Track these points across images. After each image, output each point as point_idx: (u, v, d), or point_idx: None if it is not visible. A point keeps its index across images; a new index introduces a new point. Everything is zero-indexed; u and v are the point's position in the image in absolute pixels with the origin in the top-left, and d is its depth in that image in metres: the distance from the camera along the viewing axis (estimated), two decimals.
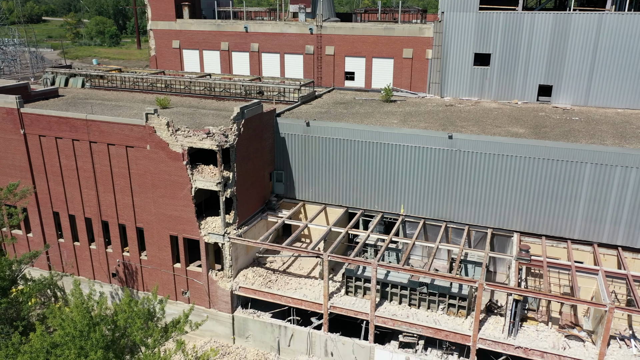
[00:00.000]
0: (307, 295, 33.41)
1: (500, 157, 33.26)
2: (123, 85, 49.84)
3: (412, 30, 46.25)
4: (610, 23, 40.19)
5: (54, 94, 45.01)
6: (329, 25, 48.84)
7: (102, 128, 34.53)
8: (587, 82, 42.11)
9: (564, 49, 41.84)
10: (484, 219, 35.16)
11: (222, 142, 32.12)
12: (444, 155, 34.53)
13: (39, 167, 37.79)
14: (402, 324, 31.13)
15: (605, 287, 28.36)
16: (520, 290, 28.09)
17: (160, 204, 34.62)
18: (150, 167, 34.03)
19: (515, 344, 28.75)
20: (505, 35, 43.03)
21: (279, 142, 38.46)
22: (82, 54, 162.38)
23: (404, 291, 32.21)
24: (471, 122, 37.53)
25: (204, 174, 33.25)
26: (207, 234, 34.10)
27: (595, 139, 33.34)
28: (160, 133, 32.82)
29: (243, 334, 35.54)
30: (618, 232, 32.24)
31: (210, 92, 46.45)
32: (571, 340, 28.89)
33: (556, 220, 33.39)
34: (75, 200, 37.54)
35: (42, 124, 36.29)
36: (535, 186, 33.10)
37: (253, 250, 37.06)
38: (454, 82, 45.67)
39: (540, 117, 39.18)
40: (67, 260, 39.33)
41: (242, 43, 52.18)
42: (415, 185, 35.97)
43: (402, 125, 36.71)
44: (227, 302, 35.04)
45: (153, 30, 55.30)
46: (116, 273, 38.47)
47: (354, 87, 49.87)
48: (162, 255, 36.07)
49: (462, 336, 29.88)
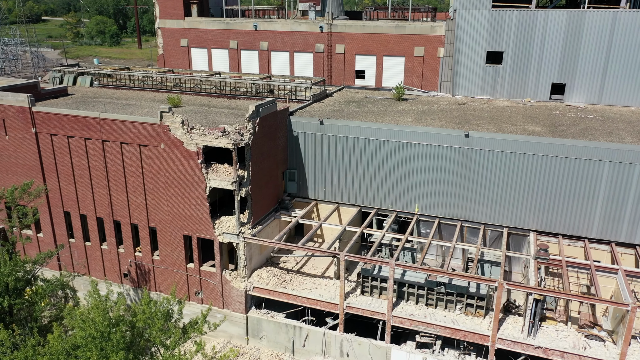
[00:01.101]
0: (322, 296, 33.13)
1: (517, 155, 32.99)
2: (132, 84, 49.55)
3: (423, 29, 45.96)
4: (624, 20, 39.94)
5: (64, 93, 44.70)
6: (340, 24, 48.54)
7: (115, 127, 34.21)
8: (600, 81, 41.86)
9: (578, 47, 41.59)
10: (499, 218, 34.90)
11: (237, 140, 31.82)
12: (460, 153, 34.26)
13: (50, 166, 37.47)
14: (420, 324, 30.86)
15: (626, 286, 28.11)
16: (541, 289, 27.84)
17: (173, 203, 34.32)
18: (164, 166, 33.72)
19: (535, 344, 28.50)
20: (518, 33, 42.76)
21: (292, 141, 38.16)
22: (83, 54, 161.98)
23: (420, 291, 31.95)
24: (486, 121, 37.25)
25: (218, 173, 32.95)
26: (222, 233, 33.80)
27: (613, 137, 33.09)
28: (175, 132, 32.51)
29: (257, 334, 35.25)
30: (637, 231, 32.00)
31: (220, 91, 46.14)
32: (591, 340, 28.65)
33: (573, 219, 33.14)
34: (86, 199, 37.23)
35: (54, 122, 35.97)
36: (553, 185, 32.84)
37: (267, 249, 36.77)
38: (466, 80, 45.40)
39: (555, 116, 38.92)
40: (79, 260, 39.02)
41: (251, 41, 51.86)
42: (430, 184, 35.70)
43: (417, 124, 36.44)
44: (241, 302, 34.75)
45: (161, 28, 54.96)
46: (128, 273, 38.16)
47: (365, 86, 49.58)
48: (175, 255, 35.77)
49: (480, 336, 29.62)
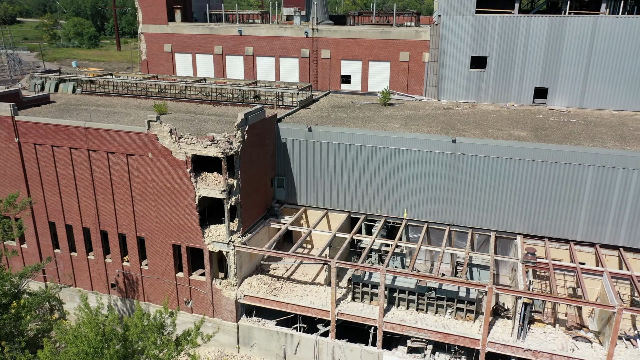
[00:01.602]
0: (313, 303, 33.20)
1: (504, 160, 33.49)
2: (115, 90, 48.94)
3: (408, 34, 46.33)
4: (604, 26, 40.82)
5: (46, 100, 43.98)
6: (325, 29, 48.65)
7: (101, 136, 33.80)
8: (582, 85, 42.70)
9: (560, 52, 42.36)
10: (487, 222, 35.38)
11: (226, 149, 31.71)
12: (448, 159, 34.64)
13: (34, 176, 36.84)
14: (411, 329, 31.12)
15: (612, 288, 28.75)
16: (530, 293, 28.32)
17: (162, 212, 34.03)
18: (152, 175, 33.43)
19: (525, 347, 28.96)
20: (501, 39, 43.38)
21: (280, 148, 38.15)
22: (61, 56, 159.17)
23: (411, 296, 32.23)
24: (472, 126, 37.72)
25: (208, 182, 32.78)
26: (211, 242, 33.63)
27: (596, 141, 33.79)
28: (163, 141, 32.26)
29: (248, 342, 35.16)
30: (620, 233, 32.74)
31: (206, 97, 45.89)
32: (579, 342, 29.24)
33: (559, 222, 33.76)
34: (72, 209, 36.70)
35: (38, 132, 35.38)
36: (539, 189, 33.42)
37: (257, 257, 36.70)
38: (451, 85, 45.90)
39: (538, 120, 39.59)
40: (65, 271, 38.44)
41: (236, 47, 51.67)
42: (418, 189, 36.02)
43: (404, 129, 36.74)
44: (231, 310, 34.62)
45: (144, 33, 54.41)
46: (115, 283, 37.72)
47: (350, 91, 49.78)
48: (164, 265, 35.48)
49: (471, 340, 30.00)
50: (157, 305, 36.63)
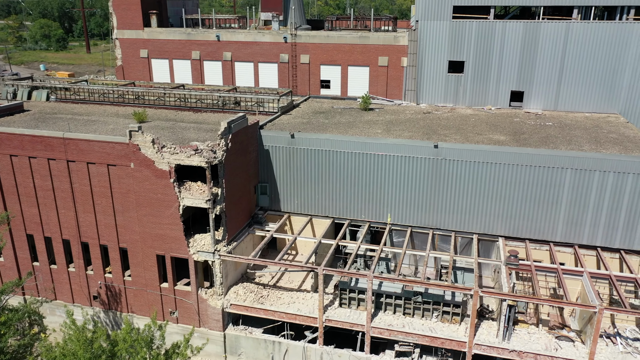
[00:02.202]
0: (301, 310, 33.23)
1: (485, 164, 34.12)
2: (91, 97, 47.99)
3: (387, 39, 46.74)
4: (576, 31, 41.96)
5: (20, 109, 42.85)
6: (304, 34, 48.69)
7: (81, 146, 33.15)
8: (556, 88, 43.79)
9: (534, 56, 43.35)
10: (469, 225, 35.98)
11: (210, 158, 31.48)
12: (430, 164, 35.10)
13: (10, 187, 35.88)
14: (399, 333, 31.45)
15: (592, 288, 29.59)
16: (514, 296, 28.94)
17: (145, 223, 33.57)
18: (134, 186, 32.94)
19: (510, 348, 29.58)
20: (478, 43, 44.16)
21: (263, 155, 38.04)
22: (28, 59, 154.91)
23: (398, 301, 32.54)
24: (452, 130, 38.30)
25: (191, 192, 32.49)
26: (197, 252, 33.35)
27: (572, 144, 34.72)
28: (145, 150, 31.83)
29: (235, 351, 34.98)
30: (597, 233, 33.73)
31: (185, 104, 45.41)
32: (561, 341, 30.01)
33: (539, 224, 34.58)
34: (51, 221, 35.87)
35: (13, 143, 34.48)
36: (519, 192, 34.16)
37: (242, 266, 36.52)
38: (430, 89, 46.49)
39: (516, 123, 40.44)
40: (44, 284, 37.54)
41: (214, 52, 51.27)
42: (401, 194, 36.39)
43: (386, 135, 37.07)
44: (218, 320, 34.39)
45: (119, 39, 53.48)
46: (98, 295, 37.03)
47: (330, 95, 49.93)
48: (147, 276, 34.99)
49: (458, 343, 30.48)
50: (141, 316, 36.11)
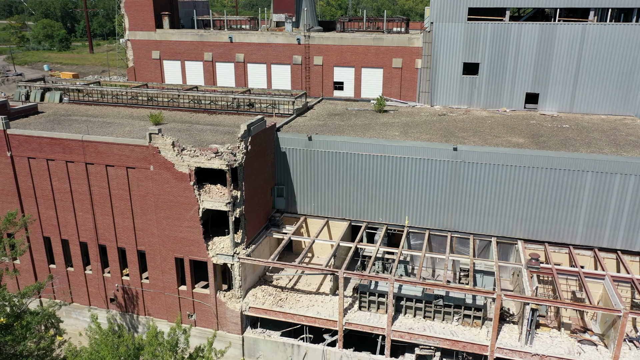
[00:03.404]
0: (320, 313, 33.11)
1: (505, 167, 34.01)
2: (103, 99, 47.89)
3: (401, 41, 46.63)
4: (593, 33, 41.85)
5: (34, 111, 42.75)
6: (317, 35, 48.57)
7: (100, 149, 33.03)
8: (572, 90, 43.68)
9: (550, 58, 43.24)
10: (487, 228, 35.86)
11: (231, 161, 31.37)
12: (449, 166, 34.98)
13: (27, 190, 35.76)
14: (419, 337, 31.33)
15: (615, 292, 29.47)
16: (538, 299, 28.82)
17: (164, 225, 33.45)
18: (153, 189, 32.82)
19: (532, 352, 29.46)
20: (493, 45, 44.04)
21: (280, 157, 37.92)
22: (31, 59, 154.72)
23: (418, 304, 32.43)
24: (470, 133, 38.18)
25: (211, 194, 32.38)
26: (216, 254, 33.23)
27: (592, 147, 34.60)
28: (165, 153, 31.71)
29: (253, 354, 34.85)
30: (618, 236, 33.61)
31: (199, 105, 45.29)
32: (584, 345, 29.88)
33: (558, 227, 34.46)
34: (68, 224, 35.76)
35: (31, 145, 34.37)
36: (538, 195, 34.04)
37: (259, 268, 36.40)
38: (444, 91, 46.37)
39: (533, 126, 40.32)
40: (60, 287, 37.39)
41: (227, 53, 51.15)
42: (419, 197, 36.28)
43: (404, 137, 36.96)
44: (236, 323, 34.26)
45: (131, 40, 53.36)
46: (114, 298, 36.91)
47: (343, 97, 49.82)
48: (165, 278, 34.87)
49: (479, 346, 30.37)
50: (158, 319, 35.98)
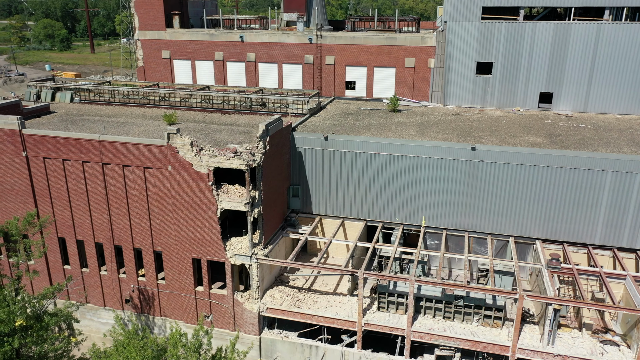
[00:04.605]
0: (339, 314, 32.92)
1: (524, 167, 33.84)
2: (114, 99, 47.63)
3: (414, 40, 46.46)
4: (608, 32, 41.70)
5: (46, 111, 42.47)
6: (329, 35, 48.37)
7: (117, 149, 32.80)
8: (586, 89, 43.54)
9: (564, 57, 43.09)
10: (505, 228, 35.69)
11: (250, 161, 31.16)
12: (467, 166, 34.81)
13: (42, 191, 35.51)
14: (440, 337, 31.16)
15: (638, 292, 29.32)
16: (561, 300, 28.66)
17: (181, 226, 33.23)
18: (171, 189, 32.60)
19: (555, 352, 29.32)
20: (507, 44, 43.88)
21: (295, 157, 37.72)
22: (33, 59, 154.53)
23: (437, 304, 32.27)
24: (487, 132, 38.02)
25: (229, 194, 32.17)
26: (233, 255, 33.03)
27: (611, 147, 34.46)
28: (184, 153, 31.49)
29: (271, 355, 34.66)
30: (638, 236, 33.45)
31: (211, 105, 45.05)
32: (606, 345, 29.74)
33: (577, 226, 34.30)
34: (84, 225, 35.53)
35: (47, 145, 34.12)
36: (557, 194, 33.88)
37: (275, 269, 36.21)
38: (457, 90, 46.21)
39: (549, 125, 40.16)
40: (75, 287, 37.13)
41: (238, 53, 50.94)
42: (437, 197, 36.10)
43: (421, 137, 36.79)
44: (254, 324, 34.07)
45: (141, 40, 53.11)
46: (130, 299, 36.68)
47: (355, 97, 49.62)
48: (182, 279, 34.66)
49: (501, 347, 30.21)
50: (174, 320, 35.76)
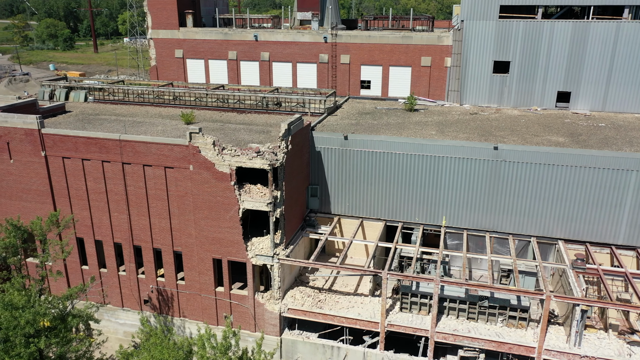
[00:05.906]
0: (361, 314, 32.67)
1: (547, 166, 33.57)
2: (128, 97, 47.39)
3: (430, 39, 46.19)
4: (627, 31, 41.42)
5: (62, 110, 42.26)
6: (344, 34, 48.10)
7: (137, 148, 32.56)
8: (604, 88, 43.26)
9: (583, 56, 42.82)
10: (527, 228, 35.43)
11: (272, 160, 30.91)
12: (489, 166, 34.55)
13: (61, 190, 35.28)
14: (464, 338, 30.91)
15: None
16: (588, 300, 28.41)
17: (202, 226, 33.00)
18: (192, 189, 32.36)
19: (582, 353, 29.06)
20: (524, 43, 43.61)
21: (314, 156, 37.47)
22: (36, 59, 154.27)
23: (461, 305, 32.02)
24: (507, 132, 37.76)
25: (252, 194, 31.93)
26: (255, 255, 32.79)
27: (635, 146, 34.19)
28: (206, 153, 31.25)
29: (291, 356, 34.41)
30: None
31: (226, 105, 44.80)
32: (634, 346, 29.48)
33: (600, 226, 34.03)
34: (103, 225, 35.29)
35: (66, 145, 33.87)
36: (580, 194, 33.61)
37: (295, 269, 35.98)
38: (474, 89, 45.94)
39: (569, 125, 39.91)
40: (93, 288, 36.84)
41: (251, 52, 50.67)
42: (457, 196, 35.84)
43: (441, 136, 36.53)
44: (275, 324, 33.83)
45: (154, 39, 52.85)
46: (149, 299, 36.44)
47: (370, 96, 49.35)
48: (202, 280, 34.42)
49: (526, 348, 29.96)
50: (193, 320, 35.54)
